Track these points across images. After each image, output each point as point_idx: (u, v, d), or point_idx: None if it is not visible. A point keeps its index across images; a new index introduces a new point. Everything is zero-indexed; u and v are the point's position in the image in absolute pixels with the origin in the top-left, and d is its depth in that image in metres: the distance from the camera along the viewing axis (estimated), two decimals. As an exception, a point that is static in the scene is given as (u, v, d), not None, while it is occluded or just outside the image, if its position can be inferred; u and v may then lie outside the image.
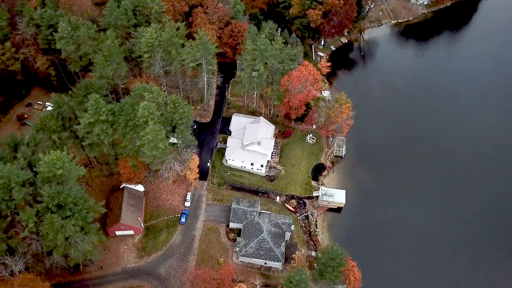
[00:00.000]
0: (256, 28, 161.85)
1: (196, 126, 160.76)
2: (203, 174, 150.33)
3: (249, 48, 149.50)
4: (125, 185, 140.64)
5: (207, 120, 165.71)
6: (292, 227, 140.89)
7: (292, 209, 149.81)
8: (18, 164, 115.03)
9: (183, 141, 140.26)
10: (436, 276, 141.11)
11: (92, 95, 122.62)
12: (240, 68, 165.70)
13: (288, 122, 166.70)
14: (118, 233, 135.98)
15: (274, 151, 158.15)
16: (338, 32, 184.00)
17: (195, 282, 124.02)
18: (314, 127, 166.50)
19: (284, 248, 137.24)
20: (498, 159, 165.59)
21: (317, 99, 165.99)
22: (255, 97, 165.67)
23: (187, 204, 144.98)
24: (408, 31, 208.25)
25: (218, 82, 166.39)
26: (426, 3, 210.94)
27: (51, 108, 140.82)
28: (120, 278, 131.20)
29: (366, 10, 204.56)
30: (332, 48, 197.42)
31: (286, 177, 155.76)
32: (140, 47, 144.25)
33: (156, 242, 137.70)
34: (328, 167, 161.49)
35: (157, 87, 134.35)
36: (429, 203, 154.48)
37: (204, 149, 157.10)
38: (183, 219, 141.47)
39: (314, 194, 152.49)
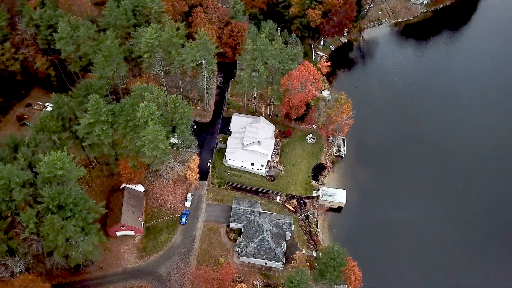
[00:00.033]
0: (256, 28, 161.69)
1: (196, 126, 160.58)
2: (203, 174, 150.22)
3: (249, 48, 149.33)
4: (125, 185, 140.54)
5: (207, 120, 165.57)
6: (292, 227, 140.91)
7: (293, 209, 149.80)
8: (18, 165, 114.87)
9: (183, 141, 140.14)
10: (436, 276, 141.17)
11: (92, 95, 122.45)
12: (240, 68, 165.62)
13: (288, 122, 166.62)
14: (118, 233, 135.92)
15: (274, 151, 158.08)
16: (338, 31, 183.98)
17: (196, 282, 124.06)
18: (314, 127, 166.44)
19: (285, 248, 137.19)
20: (498, 159, 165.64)
21: (317, 99, 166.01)
22: (255, 97, 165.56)
23: (188, 204, 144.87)
24: (408, 30, 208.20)
25: (218, 82, 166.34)
26: (425, 2, 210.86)
27: (51, 108, 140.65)
28: (121, 278, 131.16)
29: (366, 9, 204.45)
30: (332, 47, 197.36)
31: (286, 177, 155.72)
32: (140, 47, 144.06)
33: (156, 242, 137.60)
34: (328, 167, 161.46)
35: (157, 87, 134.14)
36: (429, 203, 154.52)
37: (204, 149, 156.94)
38: (183, 219, 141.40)
39: (315, 194, 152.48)
